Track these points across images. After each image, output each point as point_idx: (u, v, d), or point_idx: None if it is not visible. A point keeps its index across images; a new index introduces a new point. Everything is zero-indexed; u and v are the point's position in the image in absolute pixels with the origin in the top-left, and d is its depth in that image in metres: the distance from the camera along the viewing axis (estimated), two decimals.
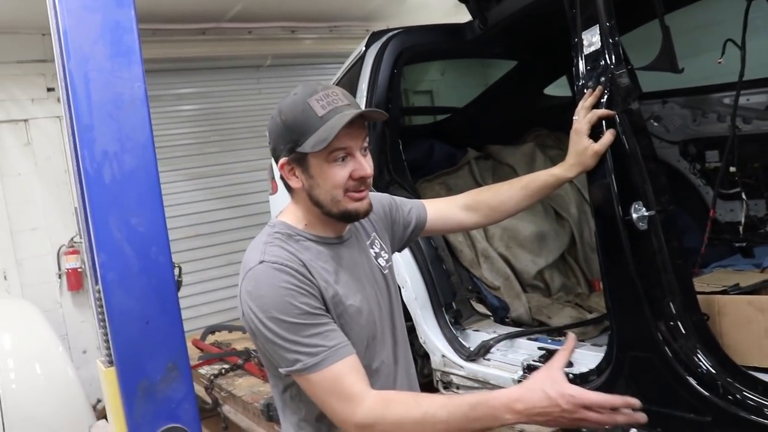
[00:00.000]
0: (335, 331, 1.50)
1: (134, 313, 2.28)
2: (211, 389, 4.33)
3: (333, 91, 1.56)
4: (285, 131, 1.56)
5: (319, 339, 1.47)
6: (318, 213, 1.62)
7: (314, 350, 1.46)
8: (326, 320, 1.51)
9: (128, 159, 2.28)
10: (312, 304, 1.50)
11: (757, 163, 3.42)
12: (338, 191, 1.56)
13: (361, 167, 1.57)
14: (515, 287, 3.17)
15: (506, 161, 3.75)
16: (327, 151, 1.53)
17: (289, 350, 1.47)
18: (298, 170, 1.59)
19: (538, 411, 1.35)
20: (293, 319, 1.47)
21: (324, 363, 1.45)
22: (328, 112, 1.52)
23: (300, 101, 1.54)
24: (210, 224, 6.07)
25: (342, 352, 1.48)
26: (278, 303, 1.47)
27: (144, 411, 2.31)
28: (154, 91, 5.79)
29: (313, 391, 1.50)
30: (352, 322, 1.59)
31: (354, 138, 1.56)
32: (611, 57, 2.13)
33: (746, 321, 2.01)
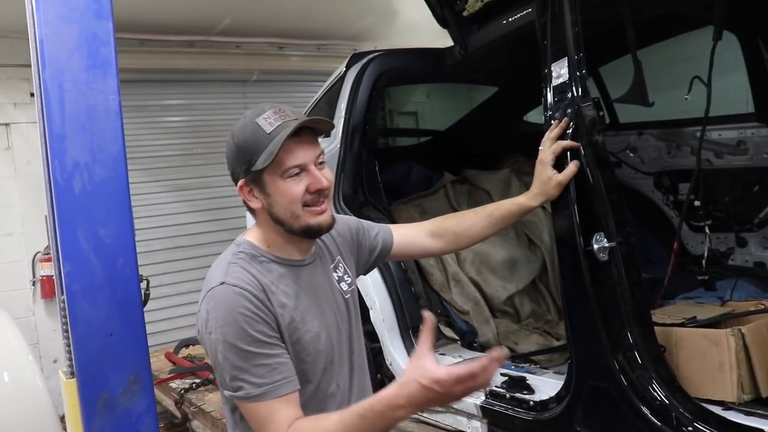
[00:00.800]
0: (284, 364, 1.52)
1: (98, 325, 2.27)
2: (181, 404, 4.29)
3: (281, 109, 1.58)
4: (238, 153, 1.59)
5: (265, 370, 1.48)
6: (281, 232, 1.63)
7: (259, 381, 1.48)
8: (277, 351, 1.52)
9: (99, 170, 2.28)
10: (266, 332, 1.51)
11: (728, 197, 3.47)
12: (296, 206, 1.58)
13: (316, 180, 1.58)
14: (484, 312, 3.18)
15: (482, 186, 3.78)
16: (280, 167, 1.55)
17: (235, 377, 1.49)
18: (256, 190, 1.61)
19: (420, 400, 1.38)
20: (245, 347, 1.48)
21: (265, 396, 1.48)
22: (276, 128, 1.54)
23: (249, 122, 1.57)
24: (190, 236, 6.04)
25: (283, 388, 1.50)
26: (233, 328, 1.48)
27: (103, 424, 2.29)
28: (140, 101, 5.82)
29: (248, 417, 1.54)
30: (309, 347, 1.60)
31: (306, 151, 1.58)
32: (578, 89, 2.16)
33: (701, 354, 2.04)
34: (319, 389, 1.63)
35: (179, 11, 5.26)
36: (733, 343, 1.97)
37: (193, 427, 4.30)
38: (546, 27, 2.32)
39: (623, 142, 3.90)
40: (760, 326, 2.05)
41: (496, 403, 2.53)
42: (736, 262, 3.52)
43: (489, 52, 3.28)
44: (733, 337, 1.98)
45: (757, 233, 3.45)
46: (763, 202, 3.39)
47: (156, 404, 2.49)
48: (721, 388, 1.99)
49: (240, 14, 5.46)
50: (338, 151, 3.39)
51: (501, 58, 3.45)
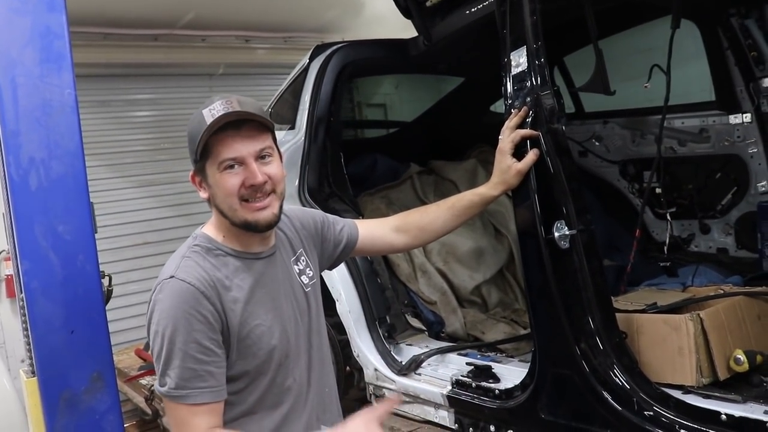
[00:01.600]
0: (211, 374, 1.51)
1: (58, 322, 2.24)
2: (151, 400, 4.26)
3: (229, 100, 1.55)
4: (189, 143, 1.59)
5: (191, 374, 1.49)
6: (228, 224, 1.62)
7: (182, 383, 1.48)
8: (210, 358, 1.51)
9: (56, 166, 2.24)
10: (205, 333, 1.50)
11: (691, 185, 3.51)
12: (233, 200, 1.56)
13: (252, 174, 1.55)
14: (452, 302, 3.19)
15: (448, 177, 3.79)
16: (215, 160, 1.54)
17: (164, 372, 1.50)
18: (203, 181, 1.61)
19: None
20: (179, 345, 1.48)
21: (184, 399, 1.48)
22: (215, 119, 1.51)
23: (198, 113, 1.56)
24: (159, 232, 5.99)
25: (207, 395, 1.50)
26: (173, 324, 1.49)
27: (66, 422, 2.26)
28: (105, 96, 5.75)
29: (168, 415, 1.57)
30: (261, 341, 1.60)
31: (243, 143, 1.55)
32: (537, 78, 2.17)
33: (661, 339, 2.06)
34: (274, 383, 1.63)
35: (143, 4, 5.19)
36: (692, 328, 1.99)
37: (164, 423, 4.27)
38: (505, 16, 2.33)
39: (588, 131, 3.93)
40: (718, 311, 2.07)
41: (463, 392, 2.54)
42: (699, 248, 3.57)
43: (453, 43, 3.27)
44: (692, 321, 2.00)
45: (719, 220, 3.50)
46: (725, 189, 3.44)
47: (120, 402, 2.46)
48: (681, 373, 2.01)
49: (205, 7, 5.41)
50: (302, 143, 3.38)
51: (465, 49, 3.45)
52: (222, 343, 1.54)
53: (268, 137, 1.60)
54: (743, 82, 3.17)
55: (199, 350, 1.49)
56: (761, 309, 2.23)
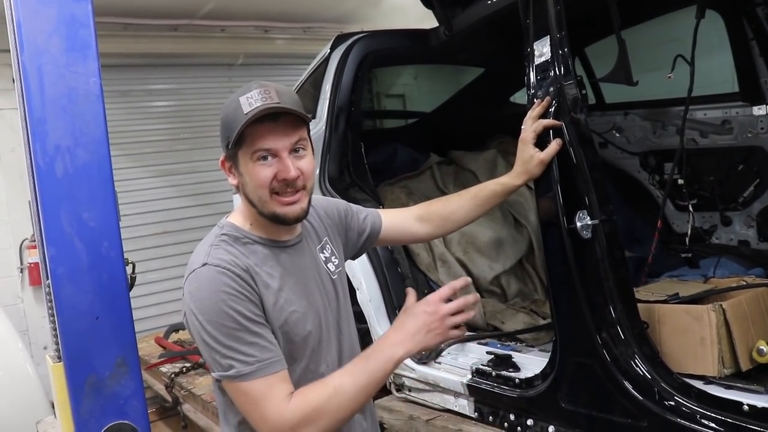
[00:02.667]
0: (271, 344, 1.52)
1: (83, 308, 2.26)
2: (171, 388, 4.31)
3: (267, 89, 1.54)
4: (222, 129, 1.60)
5: (255, 349, 1.48)
6: (255, 213, 1.63)
7: (249, 359, 1.48)
8: (264, 330, 1.52)
9: (81, 154, 2.27)
10: (252, 310, 1.51)
11: (712, 177, 3.48)
12: (263, 192, 1.56)
13: (285, 169, 1.55)
14: (471, 292, 3.19)
15: (468, 167, 3.79)
16: (250, 150, 1.55)
17: (224, 355, 1.48)
18: (234, 168, 1.62)
19: (414, 329, 1.54)
20: (232, 324, 1.48)
21: (257, 373, 1.48)
22: (254, 108, 1.51)
23: (234, 99, 1.56)
24: (178, 221, 6.04)
25: (276, 365, 1.50)
26: (218, 307, 1.48)
27: (91, 407, 2.30)
28: (125, 86, 5.79)
29: (240, 398, 1.53)
30: (296, 328, 1.60)
31: (279, 137, 1.54)
32: (560, 68, 2.17)
33: (683, 330, 2.05)
34: (308, 369, 1.64)
35: None
36: (714, 319, 1.98)
37: (184, 410, 4.32)
38: (528, 5, 2.32)
39: (609, 123, 3.91)
40: (741, 302, 2.06)
41: (483, 381, 2.55)
42: (720, 240, 3.54)
43: (474, 33, 3.26)
44: (714, 312, 1.99)
45: (741, 212, 3.47)
46: (747, 182, 3.41)
47: (144, 387, 2.49)
48: (702, 363, 2.01)
49: None
50: (323, 132, 3.39)
51: (486, 39, 3.44)
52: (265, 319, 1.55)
53: (303, 130, 1.60)
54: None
55: (253, 324, 1.49)
56: None
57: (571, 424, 2.21)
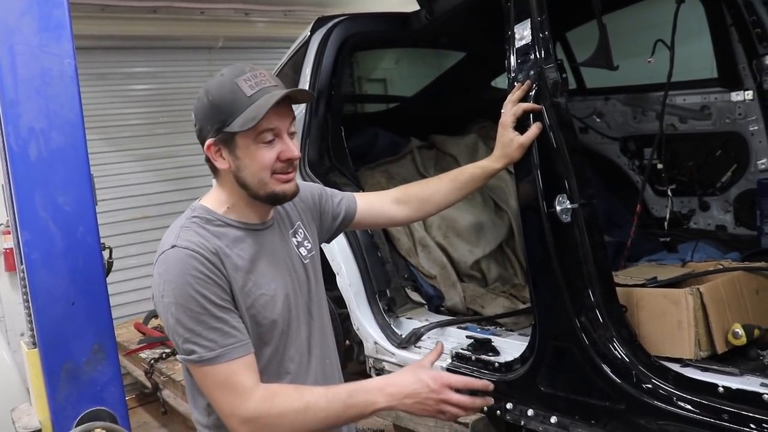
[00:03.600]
0: (236, 328, 1.52)
1: (59, 294, 2.25)
2: (151, 373, 4.29)
3: (260, 72, 1.57)
4: (212, 111, 1.56)
5: (217, 334, 1.48)
6: (243, 195, 1.62)
7: (211, 344, 1.48)
8: (229, 315, 1.52)
9: (56, 136, 2.24)
10: (218, 294, 1.51)
11: (691, 162, 3.51)
12: (265, 173, 1.58)
13: (288, 149, 1.59)
14: (451, 276, 3.20)
15: (449, 151, 3.78)
16: (255, 132, 1.54)
17: (187, 339, 1.49)
18: (225, 151, 1.59)
19: (409, 392, 1.50)
20: (196, 308, 1.48)
21: (219, 359, 1.48)
22: (257, 92, 1.52)
23: (228, 81, 1.55)
24: (157, 206, 5.97)
25: (239, 350, 1.50)
26: (184, 290, 1.48)
27: (67, 393, 2.29)
28: (103, 68, 5.70)
29: (203, 383, 1.54)
30: (264, 311, 1.60)
31: (282, 119, 1.58)
32: (540, 51, 2.16)
33: (661, 313, 2.07)
34: (277, 352, 1.64)
35: None
36: (692, 302, 2.00)
37: (164, 396, 4.31)
38: None
39: (590, 107, 3.92)
40: (718, 285, 2.08)
41: (462, 365, 2.56)
42: (698, 225, 3.58)
43: (455, 17, 3.25)
44: (692, 296, 2.01)
45: (719, 197, 3.50)
46: (725, 167, 3.44)
47: (122, 373, 2.47)
48: (680, 346, 2.03)
49: None
50: (303, 116, 3.36)
51: (467, 23, 3.42)
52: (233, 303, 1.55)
53: (293, 113, 1.64)
54: (746, 60, 3.16)
55: (218, 309, 1.49)
56: (760, 284, 2.24)
57: (550, 407, 2.22)
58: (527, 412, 2.30)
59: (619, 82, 3.70)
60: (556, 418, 2.20)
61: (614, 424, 2.01)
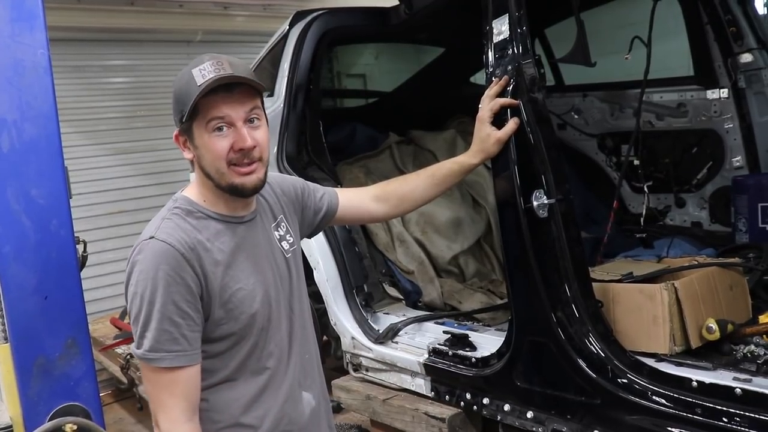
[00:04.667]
0: (185, 337, 1.50)
1: (31, 288, 2.20)
2: (127, 369, 4.25)
3: (219, 61, 1.52)
4: (174, 103, 1.56)
5: (166, 336, 1.48)
6: (211, 186, 1.61)
7: (158, 345, 1.48)
8: (186, 321, 1.50)
9: (29, 128, 2.19)
10: (183, 296, 1.49)
11: (667, 159, 3.55)
12: (221, 163, 1.55)
13: (241, 138, 1.53)
14: (429, 272, 3.20)
15: (427, 147, 3.78)
16: (204, 120, 1.52)
17: (141, 333, 1.49)
18: (188, 141, 1.59)
19: None
20: (157, 305, 1.47)
21: (160, 362, 1.48)
22: (207, 80, 1.49)
23: (186, 72, 1.54)
24: (135, 201, 5.89)
25: (180, 359, 1.49)
26: (152, 284, 1.47)
27: (40, 389, 2.24)
28: (79, 61, 5.61)
29: (144, 378, 1.57)
30: (242, 305, 1.59)
31: (233, 107, 1.53)
32: (518, 46, 2.16)
33: (636, 308, 2.09)
34: (256, 347, 1.62)
35: None
36: (667, 297, 2.02)
37: (140, 392, 4.27)
38: None
39: (568, 104, 3.94)
40: (692, 281, 2.10)
41: (439, 360, 2.56)
42: (674, 221, 3.62)
43: (434, 12, 3.24)
44: (667, 291, 2.02)
45: (694, 194, 3.54)
46: (701, 164, 3.48)
47: (96, 368, 2.44)
48: (655, 341, 2.04)
49: None
50: (281, 110, 3.34)
51: (446, 18, 3.41)
52: (200, 308, 1.53)
53: (257, 100, 1.59)
54: (722, 58, 3.20)
55: (176, 312, 1.48)
56: (733, 279, 2.26)
57: (527, 402, 2.24)
58: (504, 407, 2.31)
59: (597, 79, 3.73)
60: (532, 413, 2.21)
61: (590, 419, 2.03)
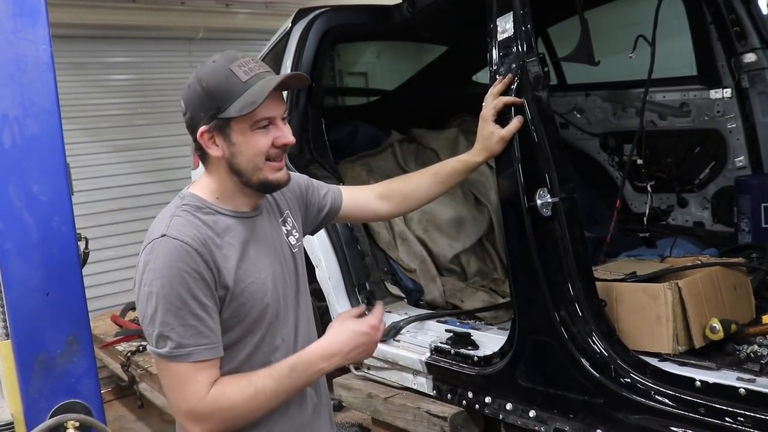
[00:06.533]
0: (211, 329, 1.50)
1: (33, 284, 2.20)
2: (127, 366, 4.24)
3: (252, 59, 1.58)
4: (206, 98, 1.54)
5: (191, 332, 1.47)
6: (235, 183, 1.62)
7: (184, 341, 1.47)
8: (208, 314, 1.50)
9: (31, 124, 2.18)
10: (202, 290, 1.49)
11: (670, 158, 3.54)
12: (260, 159, 1.57)
13: (283, 135, 1.59)
14: (431, 270, 3.20)
15: (429, 145, 3.78)
16: (252, 118, 1.54)
17: (161, 333, 1.48)
18: (219, 138, 1.58)
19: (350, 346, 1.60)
20: (177, 302, 1.46)
21: (187, 357, 1.47)
22: (251, 77, 1.53)
23: (221, 68, 1.54)
24: (136, 198, 5.89)
25: (208, 352, 1.49)
26: (168, 282, 1.46)
27: (41, 386, 2.24)
28: (81, 58, 5.61)
29: (164, 376, 1.55)
30: (254, 299, 1.59)
31: (277, 106, 1.58)
32: (523, 45, 2.16)
33: (640, 308, 2.08)
34: (264, 341, 1.63)
35: None
36: (670, 297, 2.01)
37: (141, 389, 4.26)
38: None
39: (570, 103, 3.94)
40: (696, 280, 2.09)
41: (441, 358, 2.56)
42: (677, 221, 3.61)
43: (437, 10, 3.24)
44: (670, 291, 2.02)
45: (697, 194, 3.54)
46: (703, 164, 3.48)
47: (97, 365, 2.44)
48: (658, 341, 2.04)
49: None
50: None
51: (449, 16, 3.42)
52: (217, 301, 1.53)
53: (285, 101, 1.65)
54: (725, 58, 3.19)
55: (198, 307, 1.48)
56: (737, 279, 2.26)
57: (529, 401, 2.23)
58: (506, 406, 2.31)
59: (600, 78, 3.72)
60: (534, 412, 2.21)
61: (593, 418, 2.03)
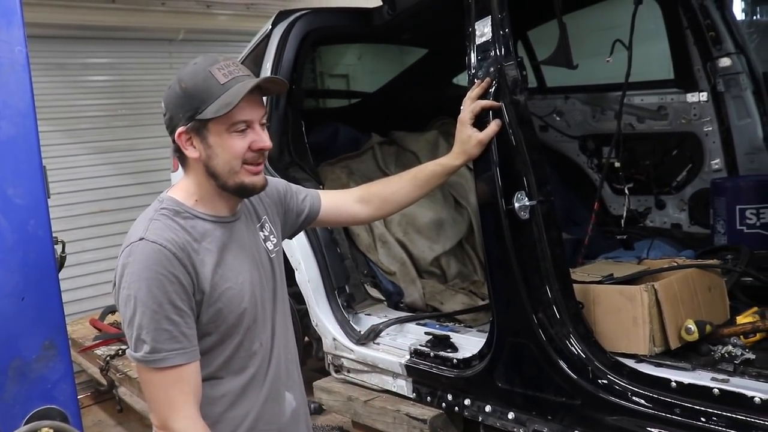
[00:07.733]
0: (184, 335, 1.50)
1: (8, 289, 2.19)
2: (106, 371, 4.20)
3: (233, 62, 1.58)
4: (185, 99, 1.54)
5: (165, 336, 1.47)
6: (212, 186, 1.61)
7: (159, 346, 1.47)
8: (184, 319, 1.50)
9: (5, 126, 2.17)
10: (179, 294, 1.49)
11: (648, 161, 3.58)
12: (236, 162, 1.57)
13: (260, 139, 1.59)
14: (411, 273, 3.20)
15: (409, 148, 3.78)
16: (229, 121, 1.54)
17: (138, 336, 1.47)
18: (196, 140, 1.57)
19: None
20: (153, 306, 1.46)
21: (162, 362, 1.47)
22: (230, 80, 1.53)
23: (201, 70, 1.54)
24: (116, 200, 5.84)
25: (181, 357, 1.49)
26: (146, 285, 1.46)
27: (16, 392, 2.22)
28: (60, 58, 5.55)
29: (142, 381, 1.55)
30: (231, 304, 1.59)
31: (255, 110, 1.58)
32: (501, 48, 2.17)
33: (617, 309, 2.10)
34: (242, 347, 1.62)
35: None
36: (647, 299, 2.03)
37: (120, 394, 4.23)
38: None
39: (550, 106, 3.96)
40: (672, 282, 2.12)
41: (421, 361, 2.56)
42: (654, 223, 3.65)
43: (417, 13, 3.24)
44: (647, 292, 2.04)
45: (674, 196, 3.58)
46: (680, 166, 3.51)
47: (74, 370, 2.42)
48: (635, 342, 2.06)
49: None
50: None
51: (429, 19, 3.42)
52: (194, 306, 1.53)
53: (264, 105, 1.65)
54: (701, 62, 3.23)
55: (173, 311, 1.48)
56: (712, 281, 2.29)
57: (508, 403, 2.24)
58: (485, 408, 2.32)
59: (579, 81, 3.75)
60: (513, 413, 2.22)
61: (570, 419, 2.04)
